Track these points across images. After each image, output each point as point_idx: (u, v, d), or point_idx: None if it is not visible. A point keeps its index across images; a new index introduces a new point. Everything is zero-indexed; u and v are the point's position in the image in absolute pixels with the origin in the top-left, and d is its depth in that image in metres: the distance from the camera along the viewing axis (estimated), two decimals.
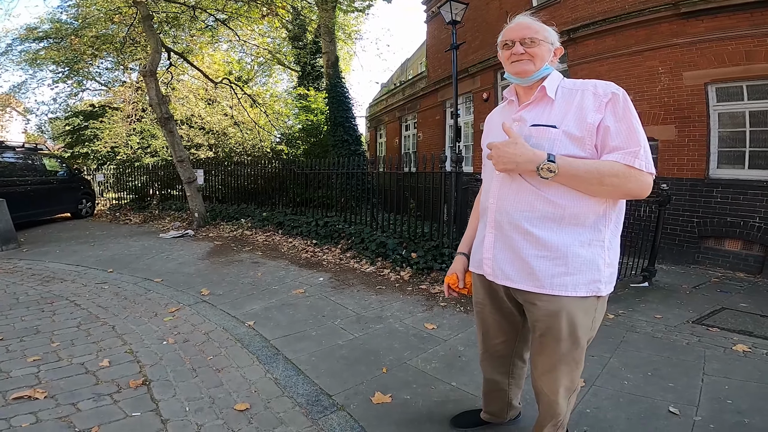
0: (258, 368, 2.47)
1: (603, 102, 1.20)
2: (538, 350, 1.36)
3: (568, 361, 1.32)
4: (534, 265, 1.25)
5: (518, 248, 1.28)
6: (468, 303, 3.65)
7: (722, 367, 2.52)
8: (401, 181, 5.39)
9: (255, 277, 4.45)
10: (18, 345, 2.73)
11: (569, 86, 1.30)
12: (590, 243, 1.24)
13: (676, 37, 5.91)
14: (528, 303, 1.32)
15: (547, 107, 1.29)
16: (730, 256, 5.45)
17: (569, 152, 1.21)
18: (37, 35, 10.03)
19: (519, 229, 1.27)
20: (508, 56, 1.33)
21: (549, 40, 1.32)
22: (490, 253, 1.36)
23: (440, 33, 11.52)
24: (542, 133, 1.25)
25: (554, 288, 1.24)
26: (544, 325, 1.29)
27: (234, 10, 9.55)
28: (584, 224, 1.23)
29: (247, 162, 9.49)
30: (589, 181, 1.18)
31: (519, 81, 1.34)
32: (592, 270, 1.24)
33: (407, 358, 2.61)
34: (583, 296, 1.24)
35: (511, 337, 1.55)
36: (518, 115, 1.34)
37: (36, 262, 5.25)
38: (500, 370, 1.63)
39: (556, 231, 1.23)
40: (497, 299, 1.46)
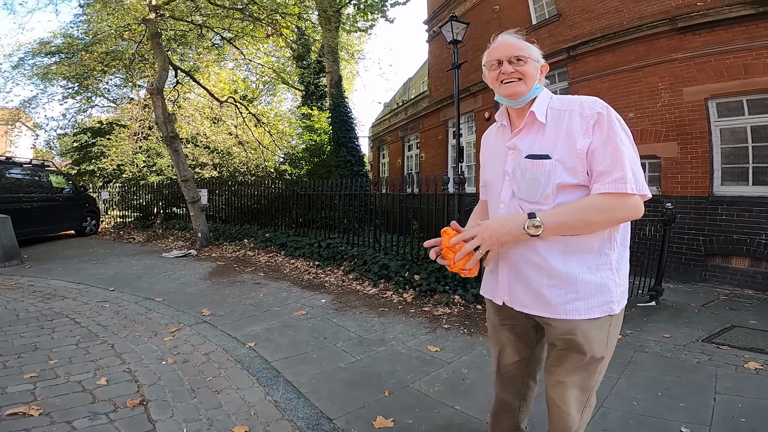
0: (258, 390, 2.42)
1: (590, 124, 1.19)
2: (557, 362, 1.36)
3: (581, 372, 1.32)
4: (546, 294, 1.26)
5: (529, 279, 1.29)
6: (472, 325, 3.60)
7: (734, 385, 2.47)
8: (404, 203, 5.40)
9: (257, 298, 4.42)
10: (15, 361, 2.70)
11: (557, 106, 1.27)
12: (598, 268, 1.23)
13: (675, 52, 5.97)
14: (545, 323, 1.33)
15: (539, 133, 1.27)
16: (738, 274, 5.37)
17: (564, 181, 1.20)
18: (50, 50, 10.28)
19: (527, 261, 1.28)
20: (497, 76, 1.31)
21: (535, 58, 1.30)
22: (505, 285, 1.37)
23: (442, 52, 11.73)
24: (538, 167, 1.23)
25: (568, 313, 1.24)
26: (563, 343, 1.31)
27: (240, 29, 9.79)
28: (590, 251, 1.23)
29: (251, 182, 9.56)
30: (576, 225, 1.18)
31: (511, 103, 1.32)
32: (603, 293, 1.23)
33: (410, 381, 2.55)
34: (597, 317, 1.25)
35: (525, 356, 1.54)
36: (512, 143, 1.32)
37: (38, 279, 5.25)
38: (512, 390, 1.62)
39: (563, 261, 1.23)
40: (512, 320, 1.46)
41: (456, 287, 4.30)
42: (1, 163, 8.19)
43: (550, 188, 1.21)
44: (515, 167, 1.30)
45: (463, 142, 10.88)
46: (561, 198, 1.22)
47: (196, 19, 9.15)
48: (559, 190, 1.21)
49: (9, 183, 7.93)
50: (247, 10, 8.62)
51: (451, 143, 11.55)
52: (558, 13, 8.09)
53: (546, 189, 1.22)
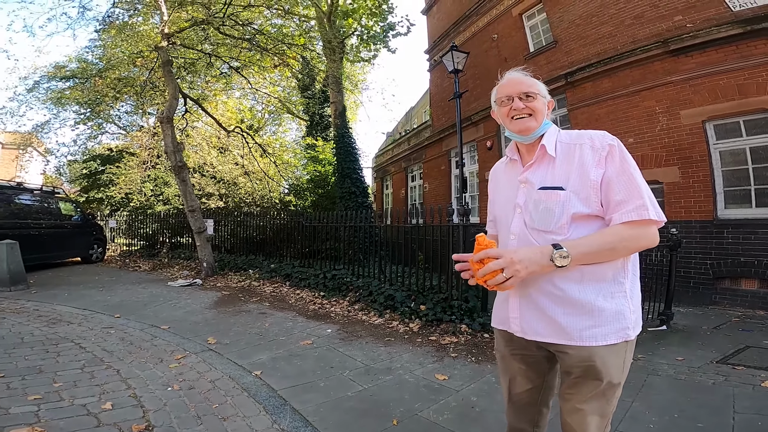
0: (265, 418, 2.38)
1: (602, 156, 1.22)
2: (573, 390, 1.34)
3: (599, 398, 1.31)
4: (562, 322, 1.26)
5: (544, 308, 1.29)
6: (480, 353, 3.55)
7: (753, 404, 2.43)
8: (409, 234, 5.44)
9: (262, 327, 4.39)
10: (19, 383, 2.69)
11: (566, 140, 1.31)
12: (613, 295, 1.25)
13: (670, 75, 6.09)
14: (559, 352, 1.33)
15: (550, 166, 1.31)
16: (748, 296, 5.31)
17: (578, 211, 1.23)
18: (65, 74, 10.61)
19: (542, 290, 1.28)
20: (508, 112, 1.34)
21: (542, 94, 1.35)
22: (516, 313, 1.37)
23: (443, 81, 12.05)
24: (552, 197, 1.26)
25: (584, 340, 1.25)
26: (580, 370, 1.30)
27: (247, 58, 10.14)
28: (605, 279, 1.25)
29: (256, 213, 9.65)
30: (601, 255, 1.20)
31: (522, 139, 1.36)
32: (619, 320, 1.25)
33: (418, 409, 2.51)
34: (614, 343, 1.26)
35: (537, 384, 1.52)
36: (524, 177, 1.35)
37: (43, 304, 5.26)
38: (526, 418, 1.59)
39: (578, 290, 1.24)
40: (523, 350, 1.45)
41: (462, 317, 4.27)
42: (12, 188, 8.35)
43: (565, 218, 1.24)
44: (527, 199, 1.32)
45: (466, 171, 11.00)
46: (575, 228, 1.24)
47: (206, 47, 9.52)
48: (574, 220, 1.24)
49: (18, 209, 8.06)
50: (255, 40, 8.96)
51: (455, 173, 11.67)
52: (554, 39, 8.34)
53: (561, 218, 1.24)
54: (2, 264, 6.22)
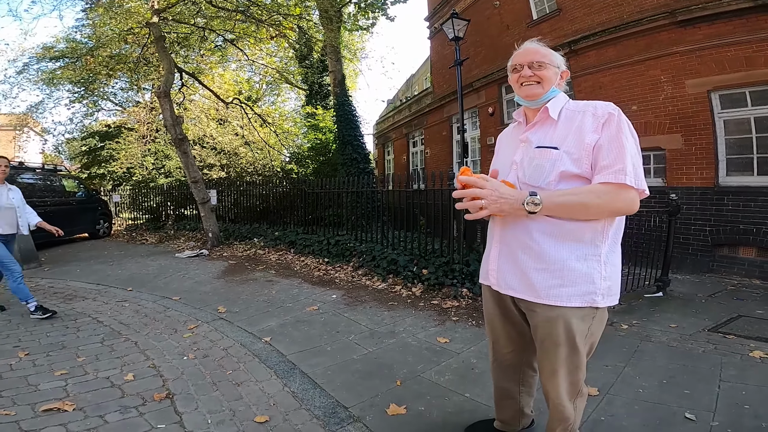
0: (276, 382, 2.53)
1: (600, 123, 1.28)
2: (541, 355, 1.43)
3: (567, 364, 1.38)
4: (531, 277, 1.34)
5: (519, 261, 1.37)
6: (480, 317, 3.68)
7: (739, 373, 2.52)
8: (410, 199, 5.48)
9: (269, 295, 4.54)
10: (45, 359, 2.84)
11: (573, 108, 1.37)
12: (586, 257, 1.30)
13: (676, 46, 5.97)
14: (528, 310, 1.41)
15: (551, 128, 1.37)
16: (745, 264, 5.39)
17: (566, 169, 1.29)
18: (54, 54, 10.37)
19: (520, 242, 1.36)
20: (518, 79, 1.42)
21: (555, 64, 1.41)
22: (495, 264, 1.46)
23: (444, 49, 11.75)
24: (544, 155, 1.33)
25: (550, 298, 1.31)
26: (544, 331, 1.37)
27: (242, 30, 9.87)
28: (582, 240, 1.30)
29: (259, 182, 9.69)
30: (572, 208, 1.26)
31: (528, 103, 1.43)
32: (586, 283, 1.30)
33: (421, 371, 2.65)
34: (579, 306, 1.31)
35: (520, 346, 1.60)
36: (524, 136, 1.43)
37: (57, 281, 5.42)
38: (510, 378, 1.69)
39: (554, 246, 1.31)
40: (505, 309, 1.53)
41: (464, 280, 4.37)
42: (14, 168, 8.37)
43: (554, 175, 1.30)
44: (524, 156, 1.39)
45: (468, 137, 10.92)
46: (562, 185, 1.30)
47: (198, 21, 9.25)
48: (562, 178, 1.30)
49: (23, 187, 8.07)
50: (249, 11, 8.70)
51: (456, 139, 11.59)
52: (558, 7, 8.08)
53: (549, 175, 1.30)
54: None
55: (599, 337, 1.43)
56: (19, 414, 2.13)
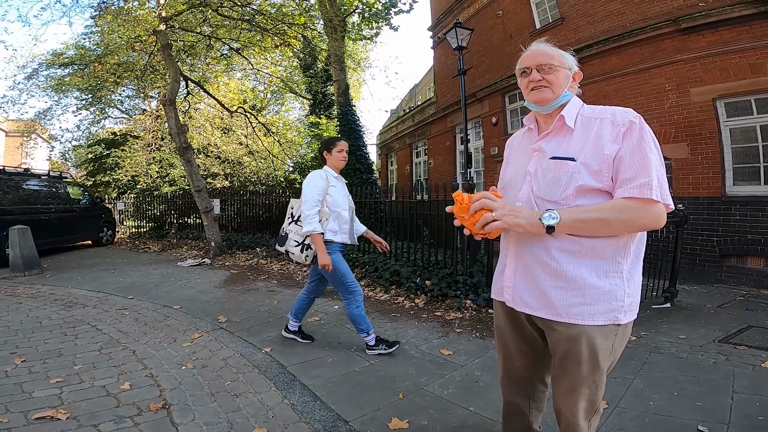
0: (275, 394, 2.47)
1: (621, 132, 1.20)
2: (559, 372, 1.35)
3: (588, 383, 1.31)
4: (551, 296, 1.26)
5: (537, 278, 1.29)
6: (484, 329, 3.62)
7: (752, 384, 2.47)
8: (414, 210, 5.45)
9: (271, 305, 4.49)
10: (41, 367, 2.80)
11: (588, 114, 1.29)
12: (607, 274, 1.23)
13: (680, 53, 5.96)
14: (548, 328, 1.32)
15: (566, 137, 1.28)
16: (754, 274, 5.31)
17: (585, 183, 1.20)
18: (63, 61, 10.53)
19: (538, 260, 1.28)
20: (526, 84, 1.34)
21: (566, 66, 1.31)
22: (510, 281, 1.38)
23: (447, 58, 11.81)
24: (561, 167, 1.24)
25: (570, 317, 1.24)
26: (564, 349, 1.29)
27: (248, 39, 9.98)
28: (602, 256, 1.23)
29: (262, 191, 9.70)
30: (593, 226, 1.18)
31: (539, 109, 1.35)
32: (609, 300, 1.23)
33: (424, 383, 2.59)
34: (602, 324, 1.24)
35: (532, 361, 1.53)
36: (537, 145, 1.34)
37: (58, 288, 5.40)
38: (521, 392, 1.61)
39: (574, 263, 1.23)
40: (519, 324, 1.46)
41: (467, 292, 4.32)
42: (20, 174, 8.44)
43: (571, 189, 1.21)
44: (537, 168, 1.31)
45: (471, 147, 10.92)
46: (581, 200, 1.21)
47: (205, 30, 9.37)
48: (580, 193, 1.21)
49: (27, 194, 8.16)
50: (254, 20, 8.80)
51: (459, 149, 11.60)
52: (561, 16, 8.12)
53: (567, 189, 1.22)
54: (15, 249, 6.35)
55: (621, 353, 1.36)
56: (12, 421, 2.08)
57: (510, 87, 9.34)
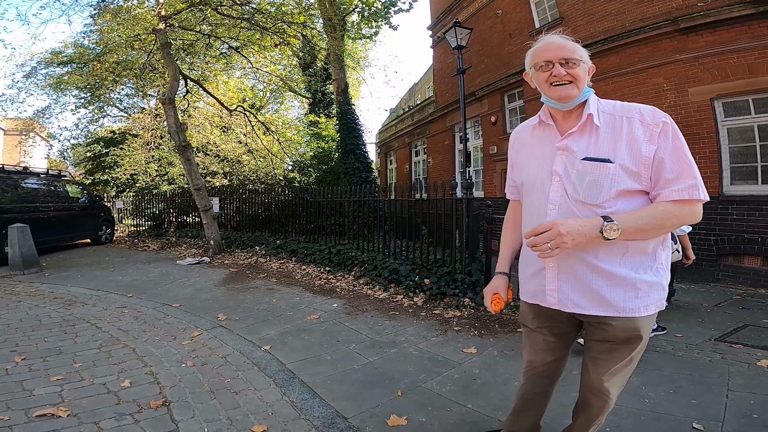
0: (275, 391, 2.49)
1: (655, 132, 1.20)
2: (608, 355, 1.38)
3: (632, 363, 1.39)
4: (606, 294, 1.27)
5: (586, 279, 1.28)
6: (482, 327, 3.64)
7: (747, 382, 2.49)
8: (413, 208, 5.46)
9: (270, 303, 4.51)
10: (41, 365, 2.81)
11: (610, 111, 1.27)
12: (651, 268, 1.28)
13: (679, 53, 5.98)
14: (599, 323, 1.33)
15: (593, 136, 1.26)
16: (751, 273, 5.34)
17: (627, 187, 1.21)
18: (62, 59, 10.51)
19: (585, 262, 1.27)
20: (547, 78, 1.27)
21: (584, 59, 1.27)
22: (554, 285, 1.35)
23: (446, 57, 11.82)
24: (599, 169, 1.22)
25: (627, 311, 1.27)
26: (622, 338, 1.32)
27: (247, 37, 9.97)
28: (645, 252, 1.27)
29: (261, 190, 9.71)
30: (650, 230, 1.21)
31: (560, 106, 1.29)
32: (657, 290, 1.29)
33: (422, 381, 2.61)
34: (653, 314, 1.30)
35: (560, 356, 1.56)
36: (563, 144, 1.30)
37: (58, 286, 5.40)
38: (543, 390, 1.65)
39: (620, 262, 1.25)
40: (552, 323, 1.47)
41: (466, 290, 4.34)
42: (19, 173, 8.43)
43: (613, 192, 1.21)
44: (568, 168, 1.28)
45: (470, 146, 10.94)
46: (621, 202, 1.22)
47: (204, 28, 9.36)
48: (620, 195, 1.21)
49: (26, 193, 8.15)
50: (254, 19, 8.79)
51: (458, 148, 11.61)
52: (561, 16, 8.14)
53: (609, 192, 1.21)
54: (14, 248, 6.35)
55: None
56: (13, 419, 2.10)
57: (509, 86, 9.35)
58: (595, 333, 1.37)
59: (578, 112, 1.30)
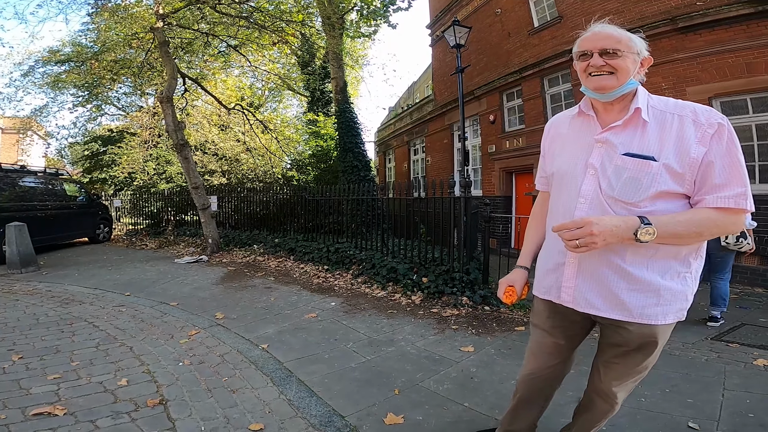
0: (272, 389, 2.49)
1: (708, 133, 1.11)
2: (621, 360, 1.35)
3: (643, 369, 1.36)
4: (624, 298, 1.21)
5: (607, 281, 1.23)
6: (480, 326, 3.64)
7: (743, 381, 2.50)
8: (411, 207, 5.47)
9: (268, 301, 4.51)
10: (38, 363, 2.81)
11: (660, 107, 1.19)
12: (679, 275, 1.22)
13: (677, 52, 6.00)
14: (615, 326, 1.28)
15: (638, 132, 1.18)
16: (748, 272, 5.35)
17: (668, 188, 1.14)
18: (60, 58, 10.46)
19: (610, 264, 1.22)
20: (585, 68, 1.22)
21: (634, 50, 1.19)
22: (571, 282, 1.30)
23: (445, 56, 11.81)
24: (641, 167, 1.15)
25: (644, 318, 1.22)
26: (636, 345, 1.29)
27: (245, 36, 9.94)
28: (677, 258, 1.21)
29: (259, 188, 9.69)
30: (687, 237, 1.13)
31: (599, 96, 1.23)
32: (680, 300, 1.23)
33: (419, 379, 2.61)
34: (671, 323, 1.25)
35: (565, 357, 1.52)
36: (603, 137, 1.23)
37: (55, 285, 5.39)
38: (542, 391, 1.61)
39: (648, 266, 1.19)
40: (564, 323, 1.42)
41: (464, 289, 4.35)
42: (16, 171, 8.41)
43: (652, 192, 1.14)
44: (605, 162, 1.21)
45: (469, 145, 10.94)
46: (659, 203, 1.15)
47: (202, 27, 9.32)
48: (659, 196, 1.14)
49: (24, 191, 8.13)
50: (252, 17, 8.77)
51: (457, 147, 11.60)
52: (559, 15, 8.13)
53: (647, 192, 1.14)
54: (12, 246, 6.34)
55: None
56: (9, 417, 2.10)
57: (508, 85, 9.35)
58: (610, 336, 1.34)
59: (621, 104, 1.23)
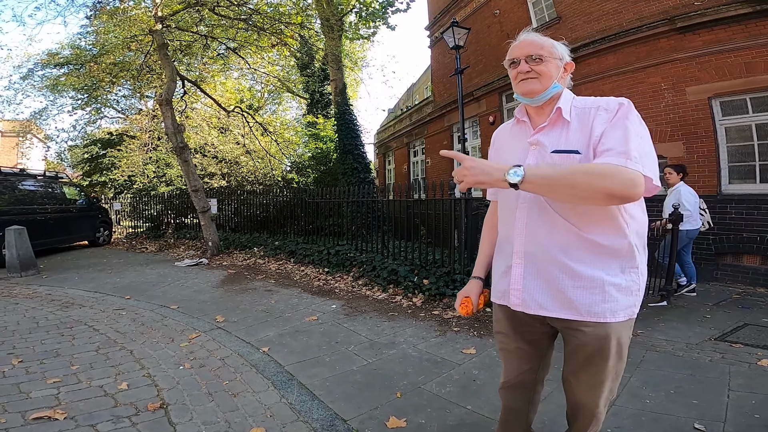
0: (273, 393, 2.47)
1: (611, 115, 1.19)
2: (583, 369, 1.34)
3: (612, 376, 1.34)
4: (571, 296, 1.24)
5: (554, 279, 1.26)
6: (482, 327, 3.63)
7: (748, 382, 2.48)
8: (411, 209, 5.45)
9: (268, 304, 4.49)
10: (38, 367, 2.79)
11: (581, 105, 1.27)
12: (624, 270, 1.25)
13: (676, 52, 5.99)
14: (570, 329, 1.30)
15: (564, 130, 1.26)
16: (750, 272, 5.34)
17: None
18: (58, 61, 10.47)
19: (555, 262, 1.25)
20: (515, 75, 1.31)
21: (557, 56, 1.28)
22: (519, 284, 1.32)
23: (444, 57, 11.82)
24: (566, 161, 1.21)
25: (592, 315, 1.23)
26: (594, 348, 1.28)
27: (244, 38, 9.95)
28: (619, 255, 1.24)
29: (259, 191, 9.69)
30: (559, 183, 1.11)
31: (527, 101, 1.32)
32: (627, 296, 1.25)
33: (421, 382, 2.59)
34: (624, 320, 1.26)
35: (535, 363, 1.51)
36: (534, 139, 1.30)
37: (55, 288, 5.38)
38: (523, 398, 1.59)
39: (592, 261, 1.23)
40: (524, 328, 1.42)
41: None
42: (16, 175, 8.39)
43: None
44: (539, 161, 1.27)
45: (468, 146, 10.93)
46: None
47: (201, 29, 9.33)
48: None
49: (23, 195, 8.12)
50: (251, 20, 8.77)
51: (457, 148, 11.59)
52: (558, 15, 8.14)
53: None
54: (11, 250, 6.32)
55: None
56: (9, 421, 2.08)
57: (507, 86, 9.34)
58: (569, 341, 1.34)
59: (550, 108, 1.30)
